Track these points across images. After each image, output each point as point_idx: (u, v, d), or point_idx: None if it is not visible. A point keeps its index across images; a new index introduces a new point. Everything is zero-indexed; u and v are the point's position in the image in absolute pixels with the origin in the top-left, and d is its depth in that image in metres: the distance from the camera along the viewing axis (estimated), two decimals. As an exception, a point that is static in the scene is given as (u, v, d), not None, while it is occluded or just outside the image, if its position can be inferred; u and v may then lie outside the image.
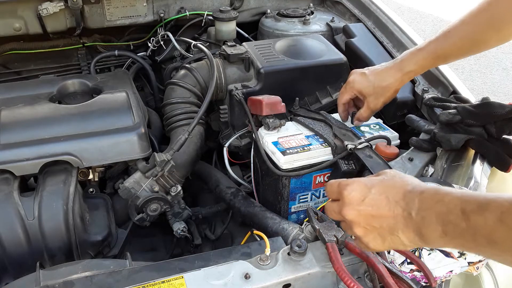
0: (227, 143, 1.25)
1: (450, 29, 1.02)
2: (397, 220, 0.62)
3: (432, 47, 1.03)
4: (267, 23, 1.59)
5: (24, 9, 1.37)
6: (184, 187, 1.15)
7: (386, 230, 0.64)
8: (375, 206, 0.64)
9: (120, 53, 1.53)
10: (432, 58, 1.04)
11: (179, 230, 1.13)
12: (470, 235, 0.54)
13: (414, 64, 1.06)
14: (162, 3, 1.53)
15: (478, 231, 0.54)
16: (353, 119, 1.18)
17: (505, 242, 0.52)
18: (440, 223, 0.57)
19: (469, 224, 0.54)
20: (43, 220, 0.99)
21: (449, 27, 1.03)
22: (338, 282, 0.83)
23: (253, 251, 0.91)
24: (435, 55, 1.03)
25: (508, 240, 0.51)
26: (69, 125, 1.08)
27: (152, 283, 0.78)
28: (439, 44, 1.03)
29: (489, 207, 0.53)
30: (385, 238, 0.65)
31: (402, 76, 1.08)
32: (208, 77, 1.27)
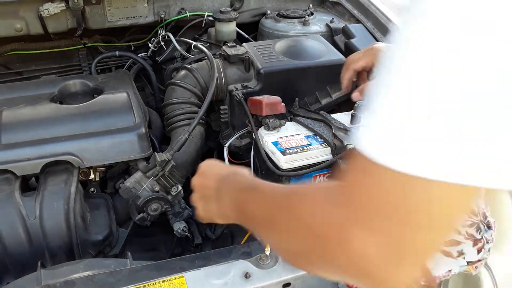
0: (227, 143, 1.25)
1: None
2: (213, 193, 0.69)
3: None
4: (267, 24, 1.59)
5: (26, 10, 1.37)
6: (185, 187, 1.16)
7: (211, 200, 0.69)
8: (209, 177, 0.71)
9: (121, 53, 1.54)
10: None
11: (179, 230, 1.13)
12: (243, 214, 0.63)
13: None
14: (163, 4, 1.53)
15: (244, 211, 0.62)
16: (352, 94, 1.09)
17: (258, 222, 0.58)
18: (231, 202, 0.65)
19: (241, 208, 0.62)
20: (44, 219, 0.99)
21: None
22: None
23: (253, 250, 0.92)
24: None
25: (257, 219, 0.58)
26: (70, 125, 1.09)
27: (153, 283, 0.79)
28: None
29: (249, 194, 0.60)
30: (211, 207, 0.70)
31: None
32: (208, 77, 1.28)
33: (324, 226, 0.45)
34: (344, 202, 0.43)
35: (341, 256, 0.44)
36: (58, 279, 0.86)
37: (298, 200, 0.51)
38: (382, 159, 0.39)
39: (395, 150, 0.38)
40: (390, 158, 0.38)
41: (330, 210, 0.44)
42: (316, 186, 0.57)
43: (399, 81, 0.39)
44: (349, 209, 0.43)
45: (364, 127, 0.41)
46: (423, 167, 0.37)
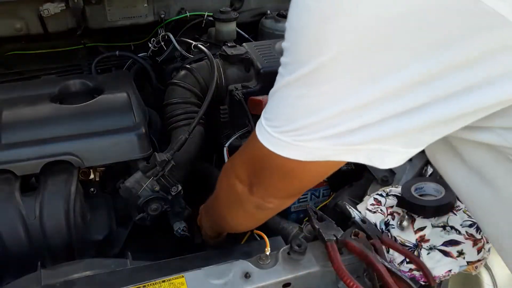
0: (227, 143, 1.25)
1: None
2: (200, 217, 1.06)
3: None
4: (267, 24, 1.59)
5: (26, 9, 1.37)
6: (185, 186, 1.16)
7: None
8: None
9: (121, 53, 1.53)
10: None
11: (179, 230, 1.13)
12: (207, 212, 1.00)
13: None
14: (163, 4, 1.53)
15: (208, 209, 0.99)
16: None
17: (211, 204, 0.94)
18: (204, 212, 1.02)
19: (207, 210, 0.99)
20: (45, 219, 0.99)
21: None
22: (338, 281, 0.83)
23: (253, 250, 0.92)
24: None
25: (210, 203, 0.95)
26: (70, 125, 1.08)
27: (153, 282, 0.79)
28: None
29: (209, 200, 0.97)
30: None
31: None
32: (208, 77, 1.28)
33: (228, 167, 0.78)
34: (239, 153, 0.73)
35: (236, 182, 0.72)
36: (58, 279, 0.86)
37: (225, 164, 0.85)
38: (260, 136, 0.61)
39: (264, 134, 0.60)
40: (261, 136, 0.60)
41: (233, 157, 0.76)
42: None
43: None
44: (240, 156, 0.73)
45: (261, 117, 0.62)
46: (272, 146, 0.59)
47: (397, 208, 0.95)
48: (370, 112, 0.51)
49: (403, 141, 0.54)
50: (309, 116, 0.54)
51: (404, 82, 0.48)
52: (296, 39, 0.52)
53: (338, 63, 0.49)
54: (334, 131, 0.53)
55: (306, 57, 0.51)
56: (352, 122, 0.52)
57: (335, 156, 0.56)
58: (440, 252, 0.85)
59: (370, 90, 0.49)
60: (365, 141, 0.53)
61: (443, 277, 0.85)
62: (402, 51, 0.47)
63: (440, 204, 0.91)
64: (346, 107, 0.51)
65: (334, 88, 0.51)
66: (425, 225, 0.90)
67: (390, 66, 0.48)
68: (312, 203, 1.14)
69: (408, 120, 0.51)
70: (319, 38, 0.49)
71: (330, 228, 0.86)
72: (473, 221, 0.89)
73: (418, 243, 0.87)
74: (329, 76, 0.50)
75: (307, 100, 0.53)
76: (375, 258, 0.81)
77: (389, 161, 0.56)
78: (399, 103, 0.50)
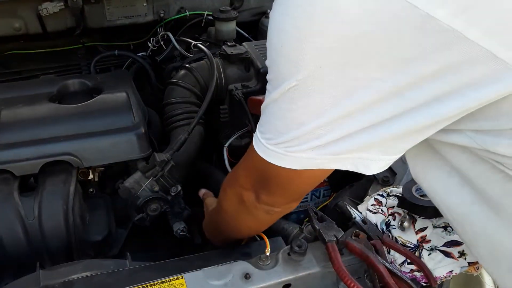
0: (227, 143, 1.25)
1: None
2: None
3: None
4: (267, 23, 1.58)
5: (24, 9, 1.36)
6: (184, 187, 1.15)
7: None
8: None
9: (120, 53, 1.53)
10: None
11: (179, 230, 1.13)
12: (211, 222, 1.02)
13: None
14: (162, 3, 1.53)
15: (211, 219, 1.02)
16: None
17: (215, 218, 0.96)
18: (207, 219, 1.05)
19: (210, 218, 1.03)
20: (43, 220, 0.99)
21: None
22: (338, 282, 0.83)
23: (253, 251, 0.92)
24: None
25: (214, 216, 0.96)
26: (69, 125, 1.08)
27: (152, 283, 0.79)
28: None
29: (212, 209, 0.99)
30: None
31: None
32: (208, 77, 1.27)
33: (233, 181, 0.81)
34: (240, 165, 0.77)
35: (244, 192, 0.76)
36: (57, 280, 0.85)
37: (226, 178, 0.86)
38: (257, 148, 0.65)
39: (260, 146, 0.64)
40: (258, 148, 0.65)
41: (235, 171, 0.80)
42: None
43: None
44: (241, 168, 0.77)
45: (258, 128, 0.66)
46: (268, 157, 0.63)
47: (398, 209, 0.94)
48: (350, 123, 0.55)
49: (383, 149, 0.59)
50: (296, 129, 0.58)
51: (376, 94, 0.52)
52: (276, 58, 0.57)
53: (315, 79, 0.53)
54: (319, 142, 0.57)
55: (287, 74, 0.55)
56: (334, 132, 0.56)
57: (324, 164, 0.60)
58: (441, 253, 0.85)
59: (348, 103, 0.53)
60: (348, 150, 0.58)
61: (444, 278, 0.84)
62: (371, 66, 0.50)
63: (441, 204, 0.90)
64: (328, 119, 0.55)
65: (315, 102, 0.55)
66: (426, 226, 0.90)
67: (362, 80, 0.51)
68: (312, 204, 1.13)
69: (384, 129, 0.55)
70: (296, 57, 0.53)
71: (331, 229, 0.86)
72: (474, 221, 0.89)
73: (419, 244, 0.87)
74: (309, 91, 0.54)
75: (292, 113, 0.58)
76: (376, 258, 0.81)
77: (373, 168, 0.60)
78: (375, 114, 0.54)
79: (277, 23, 0.55)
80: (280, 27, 0.54)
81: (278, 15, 0.55)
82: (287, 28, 0.53)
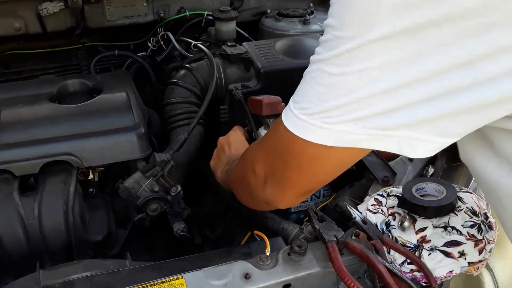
0: (226, 143, 1.25)
1: None
2: (223, 161, 1.05)
3: None
4: (267, 23, 1.59)
5: (24, 9, 1.36)
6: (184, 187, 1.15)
7: (218, 161, 1.08)
8: (227, 147, 1.07)
9: (120, 53, 1.53)
10: None
11: (179, 230, 1.13)
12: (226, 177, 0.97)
13: None
14: (162, 3, 1.53)
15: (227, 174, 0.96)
16: None
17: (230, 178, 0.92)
18: (225, 172, 0.99)
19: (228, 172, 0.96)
20: (43, 220, 0.99)
21: None
22: (338, 282, 0.83)
23: (253, 251, 0.91)
24: None
25: (230, 176, 0.92)
26: (69, 125, 1.08)
27: (152, 283, 0.78)
28: None
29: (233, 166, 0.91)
30: (216, 165, 1.08)
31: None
32: (208, 77, 1.27)
33: (246, 155, 0.76)
34: (259, 141, 0.72)
35: (251, 174, 0.70)
36: (57, 280, 0.85)
37: (246, 148, 0.81)
38: (285, 120, 0.59)
39: (291, 117, 0.58)
40: (287, 119, 0.59)
41: (252, 145, 0.76)
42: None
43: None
44: (259, 145, 0.71)
45: (289, 105, 0.60)
46: (298, 129, 0.57)
47: (398, 209, 0.94)
48: (408, 93, 0.50)
49: (437, 129, 0.52)
50: (343, 96, 0.52)
51: (446, 62, 0.47)
52: (342, 14, 0.51)
53: (387, 40, 0.48)
54: (367, 112, 0.51)
55: (353, 32, 0.49)
56: (387, 102, 0.50)
57: (363, 142, 0.54)
58: (441, 253, 0.85)
59: (412, 70, 0.48)
60: (398, 125, 0.52)
61: (444, 278, 0.84)
62: (448, 29, 0.46)
63: (441, 204, 0.90)
64: (385, 87, 0.50)
65: (376, 66, 0.49)
66: (426, 226, 0.90)
67: (434, 45, 0.47)
68: (312, 204, 1.13)
69: (445, 103, 0.49)
70: (369, 14, 0.48)
71: (331, 229, 0.86)
72: (474, 221, 0.89)
73: (419, 244, 0.87)
74: (374, 52, 0.49)
75: (343, 78, 0.51)
76: (376, 258, 0.81)
77: (419, 150, 0.54)
78: (439, 84, 0.49)
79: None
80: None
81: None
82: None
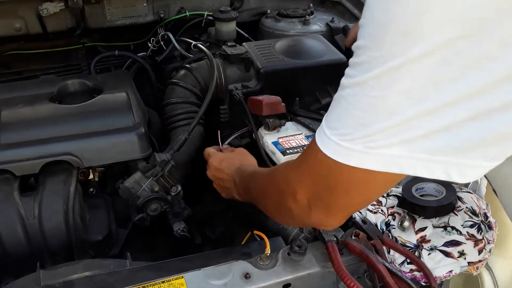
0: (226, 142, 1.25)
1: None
2: (231, 183, 0.98)
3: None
4: (267, 23, 1.59)
5: (25, 9, 1.37)
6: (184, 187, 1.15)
7: (227, 187, 1.01)
8: (221, 173, 1.02)
9: (120, 53, 1.53)
10: None
11: (179, 230, 1.13)
12: (247, 192, 0.91)
13: None
14: (162, 3, 1.53)
15: (249, 189, 0.89)
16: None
17: (254, 192, 0.85)
18: (242, 187, 0.93)
19: (247, 186, 0.90)
20: (44, 220, 0.99)
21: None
22: (338, 282, 0.83)
23: (253, 251, 0.92)
24: None
25: (255, 193, 0.85)
26: (69, 125, 1.08)
27: (152, 283, 0.79)
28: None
29: (253, 177, 0.88)
30: (228, 191, 1.01)
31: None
32: (208, 77, 1.27)
33: (282, 182, 0.69)
34: (296, 167, 0.66)
35: (292, 202, 0.65)
36: (57, 280, 0.86)
37: (276, 168, 0.79)
38: (325, 148, 0.55)
39: (330, 145, 0.55)
40: (326, 147, 0.55)
41: (289, 171, 0.68)
42: (290, 160, 0.79)
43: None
44: (297, 172, 0.65)
45: (322, 126, 0.57)
46: (342, 157, 0.54)
47: (398, 209, 0.94)
48: (453, 112, 0.47)
49: (489, 154, 0.50)
50: (386, 119, 0.49)
51: (496, 76, 0.45)
52: (380, 34, 0.48)
53: (430, 57, 0.45)
54: (411, 134, 0.49)
55: (392, 52, 0.47)
56: (432, 123, 0.48)
57: (409, 168, 0.51)
58: (441, 253, 0.85)
59: (460, 86, 0.46)
60: (446, 149, 0.49)
61: (444, 277, 0.84)
62: (492, 42, 0.44)
63: (441, 204, 0.91)
64: (428, 107, 0.47)
65: (418, 86, 0.47)
66: (426, 226, 0.90)
67: (484, 58, 0.45)
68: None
69: (494, 123, 0.47)
70: (410, 31, 0.45)
71: (331, 229, 0.86)
72: (474, 221, 0.89)
73: (419, 244, 0.87)
74: (414, 72, 0.46)
75: (384, 100, 0.49)
76: (375, 258, 0.81)
77: (470, 177, 0.51)
78: (485, 101, 0.46)
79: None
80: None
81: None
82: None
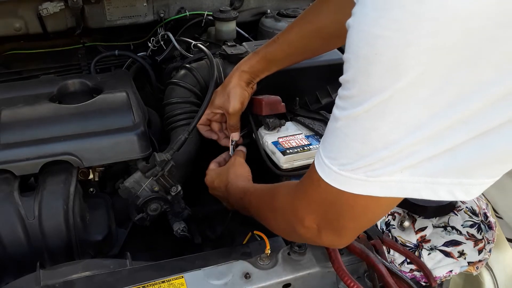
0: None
1: (279, 36, 1.09)
2: (226, 200, 1.06)
3: (263, 51, 1.11)
4: (267, 23, 1.59)
5: (25, 9, 1.36)
6: (184, 187, 1.15)
7: (224, 198, 1.07)
8: (216, 191, 1.09)
9: (120, 53, 1.53)
10: (264, 61, 1.11)
11: (179, 230, 1.13)
12: (243, 208, 0.95)
13: (248, 66, 1.12)
14: (162, 3, 1.53)
15: (244, 205, 0.93)
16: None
17: (253, 210, 0.89)
18: (236, 204, 1.00)
19: (241, 202, 0.94)
20: (43, 219, 0.99)
21: (279, 33, 1.10)
22: (338, 282, 0.83)
23: (253, 251, 0.92)
24: (265, 59, 1.10)
25: (252, 209, 0.89)
26: (69, 125, 1.08)
27: (152, 283, 0.79)
28: (269, 49, 1.10)
29: (245, 194, 0.92)
30: (229, 205, 1.07)
31: (239, 74, 1.13)
32: (208, 77, 1.27)
33: (288, 211, 0.71)
34: (300, 196, 0.67)
35: (301, 229, 0.68)
36: (57, 280, 0.86)
37: (275, 194, 0.78)
38: (327, 178, 0.57)
39: (331, 174, 0.57)
40: (328, 177, 0.57)
41: (293, 200, 0.69)
42: (287, 184, 0.80)
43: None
44: (303, 201, 0.67)
45: (320, 153, 0.59)
46: (344, 185, 0.56)
47: (398, 208, 0.94)
48: (452, 134, 0.48)
49: (487, 170, 0.51)
50: (383, 149, 0.50)
51: (487, 99, 0.46)
52: (366, 68, 0.49)
53: (417, 88, 0.46)
54: (411, 160, 0.50)
55: (380, 85, 0.48)
56: (432, 148, 0.49)
57: (413, 191, 0.52)
58: (441, 253, 0.85)
59: (450, 112, 0.47)
60: (447, 170, 0.51)
61: (444, 277, 0.84)
62: (481, 67, 0.45)
63: (441, 204, 0.91)
64: (426, 133, 0.48)
65: (411, 115, 0.48)
66: (426, 226, 0.90)
67: (468, 85, 0.46)
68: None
69: (492, 142, 0.48)
70: (396, 64, 0.46)
71: (331, 229, 0.86)
72: (474, 221, 0.89)
73: (419, 244, 0.87)
74: (406, 102, 0.48)
75: (380, 131, 0.50)
76: (375, 258, 0.81)
77: (474, 193, 0.53)
78: (480, 122, 0.47)
79: (371, 30, 0.48)
80: (377, 33, 0.47)
81: (371, 21, 0.48)
82: (386, 33, 0.46)
